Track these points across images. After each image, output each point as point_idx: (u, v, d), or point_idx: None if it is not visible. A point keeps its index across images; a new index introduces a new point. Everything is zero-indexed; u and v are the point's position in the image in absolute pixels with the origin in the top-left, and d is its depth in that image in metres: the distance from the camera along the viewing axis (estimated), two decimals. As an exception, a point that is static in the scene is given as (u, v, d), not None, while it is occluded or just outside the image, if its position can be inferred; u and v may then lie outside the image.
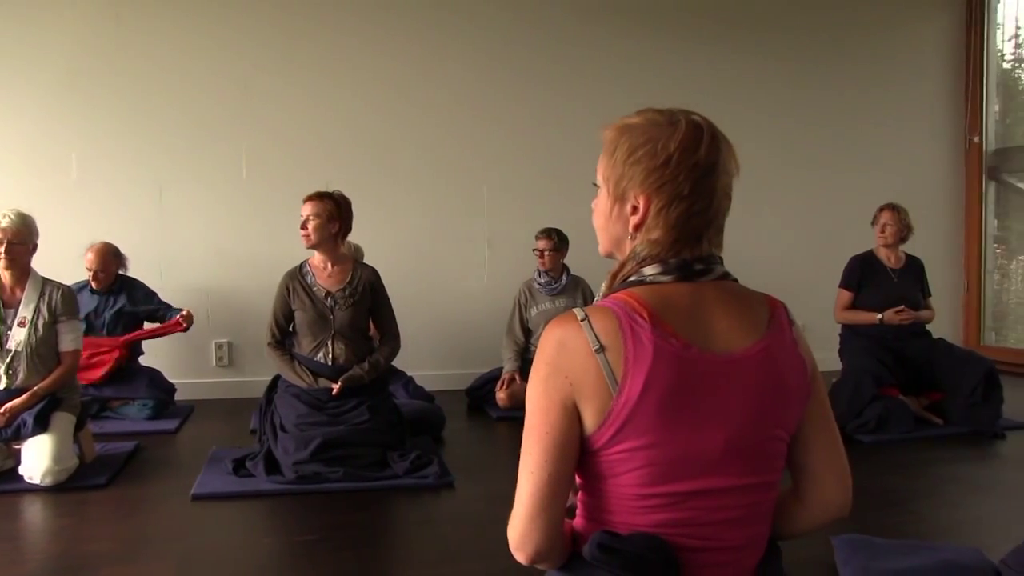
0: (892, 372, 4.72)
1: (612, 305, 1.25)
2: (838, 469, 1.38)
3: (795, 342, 1.34)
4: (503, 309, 5.44)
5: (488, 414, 5.11)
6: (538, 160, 6.04)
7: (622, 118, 1.35)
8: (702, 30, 6.39)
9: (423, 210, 5.89)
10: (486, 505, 3.37)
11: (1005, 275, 7.20)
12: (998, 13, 7.05)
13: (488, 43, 5.99)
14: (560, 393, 1.23)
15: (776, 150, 6.50)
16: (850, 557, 2.62)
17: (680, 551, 1.26)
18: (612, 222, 1.34)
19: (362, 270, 4.01)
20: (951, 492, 3.65)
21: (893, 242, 4.95)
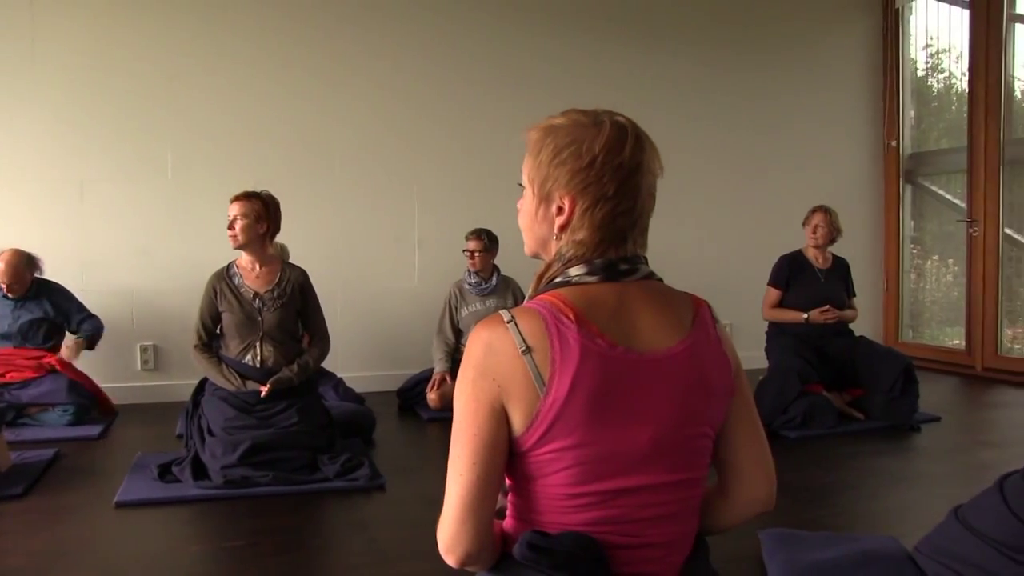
0: (816, 369, 4.83)
1: (538, 306, 1.26)
2: (763, 465, 1.41)
3: (719, 340, 1.36)
4: (433, 309, 5.43)
5: (419, 415, 5.09)
6: (469, 160, 6.04)
7: (547, 119, 1.35)
8: (629, 33, 6.47)
9: (353, 210, 5.84)
10: (418, 507, 3.36)
11: (921, 275, 7.45)
12: (911, 24, 7.30)
13: (418, 42, 5.96)
14: (488, 395, 1.24)
15: (703, 151, 6.62)
16: (776, 550, 2.68)
17: (609, 549, 1.27)
18: (537, 223, 1.35)
19: (291, 271, 3.96)
20: (871, 484, 3.76)
21: (823, 243, 5.07)
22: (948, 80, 7.25)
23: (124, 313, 5.40)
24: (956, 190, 6.90)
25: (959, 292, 6.85)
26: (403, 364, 5.65)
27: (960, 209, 6.77)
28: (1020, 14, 6.33)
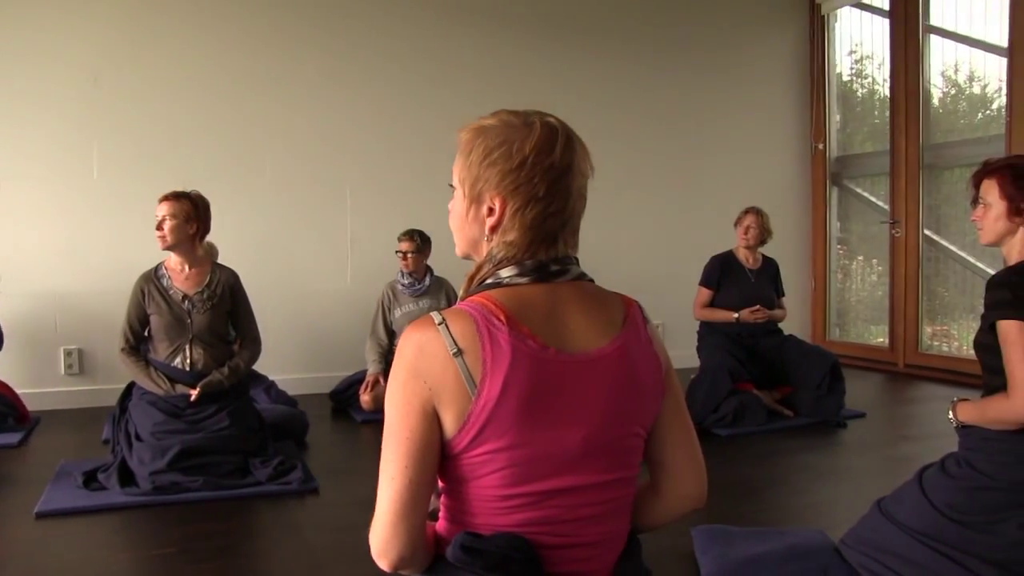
0: (747, 368, 4.93)
1: (469, 308, 1.26)
2: (694, 463, 1.43)
3: (650, 340, 1.37)
4: (366, 311, 5.39)
5: (352, 417, 5.05)
6: (401, 161, 6.01)
7: (477, 120, 1.35)
8: (561, 34, 6.51)
9: (284, 210, 5.76)
10: (351, 510, 3.33)
11: (847, 274, 7.64)
12: (836, 31, 7.49)
13: (348, 44, 5.91)
14: (419, 397, 1.23)
15: (634, 153, 6.69)
16: (708, 546, 2.72)
17: (542, 549, 1.27)
18: (468, 224, 1.35)
19: (221, 272, 3.90)
20: (799, 479, 3.84)
21: (754, 244, 5.17)
22: (871, 86, 7.45)
23: (46, 316, 5.25)
24: (880, 192, 7.09)
25: (883, 291, 7.05)
26: (336, 366, 5.60)
27: (883, 211, 6.96)
28: (934, 25, 6.54)
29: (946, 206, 6.55)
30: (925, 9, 6.54)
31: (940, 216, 6.59)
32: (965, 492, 2.29)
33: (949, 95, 6.74)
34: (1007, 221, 2.35)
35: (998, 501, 2.23)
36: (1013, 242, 2.36)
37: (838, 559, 2.51)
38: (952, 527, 2.27)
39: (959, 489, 2.30)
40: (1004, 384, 2.20)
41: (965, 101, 6.69)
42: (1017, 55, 5.75)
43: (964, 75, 6.64)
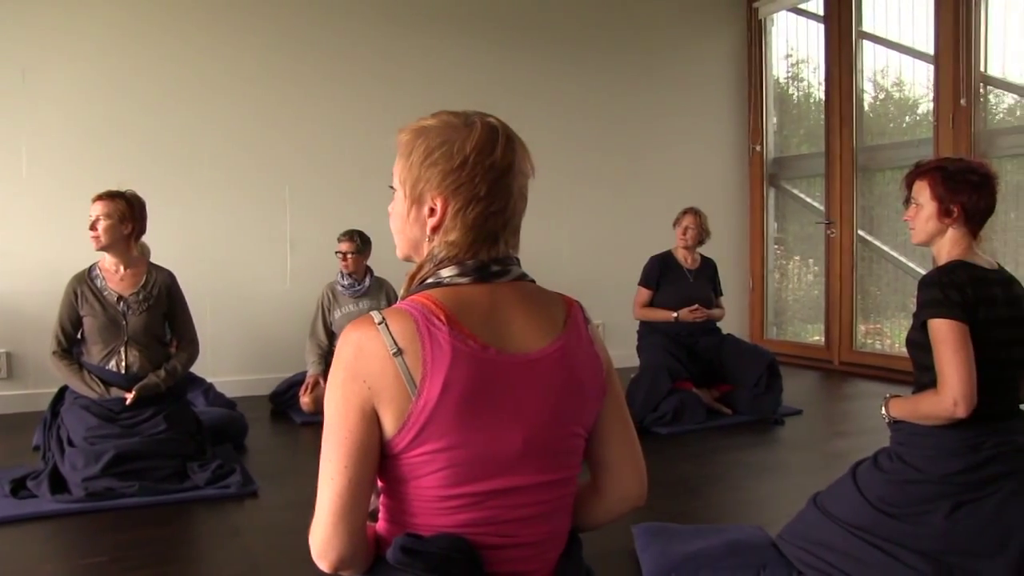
0: (686, 367, 4.98)
1: (409, 308, 1.26)
2: (634, 462, 1.44)
3: (591, 341, 1.38)
4: (306, 312, 5.33)
5: (292, 419, 5.00)
6: (341, 161, 5.96)
7: (418, 120, 1.35)
8: (502, 36, 6.52)
9: (223, 211, 5.67)
10: (292, 512, 3.28)
11: (784, 274, 7.78)
12: (773, 35, 7.63)
13: (289, 41, 5.84)
14: (358, 397, 1.22)
15: (576, 153, 6.73)
16: (649, 544, 2.74)
17: (483, 549, 1.27)
18: (409, 224, 1.35)
19: (157, 273, 3.81)
20: (738, 476, 3.90)
21: (693, 244, 5.23)
22: (807, 89, 7.60)
23: (-26, 319, 5.10)
24: (815, 193, 7.23)
25: (819, 291, 7.19)
26: (275, 367, 5.53)
27: (819, 212, 7.10)
28: (867, 31, 6.70)
29: (879, 207, 6.71)
30: (858, 15, 6.70)
31: (873, 217, 6.75)
32: (896, 485, 2.35)
33: (879, 99, 6.90)
34: (937, 222, 2.41)
35: (927, 493, 2.29)
36: (943, 242, 2.43)
37: (776, 554, 2.56)
38: (884, 519, 2.33)
39: (890, 483, 2.36)
40: (934, 381, 2.27)
41: (894, 105, 6.86)
42: (942, 62, 5.93)
43: (893, 80, 6.81)
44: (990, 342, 2.27)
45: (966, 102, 5.79)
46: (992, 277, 2.35)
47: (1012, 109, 5.96)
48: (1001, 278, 2.38)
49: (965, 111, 5.80)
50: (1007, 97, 5.96)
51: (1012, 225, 5.82)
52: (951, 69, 5.87)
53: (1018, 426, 2.35)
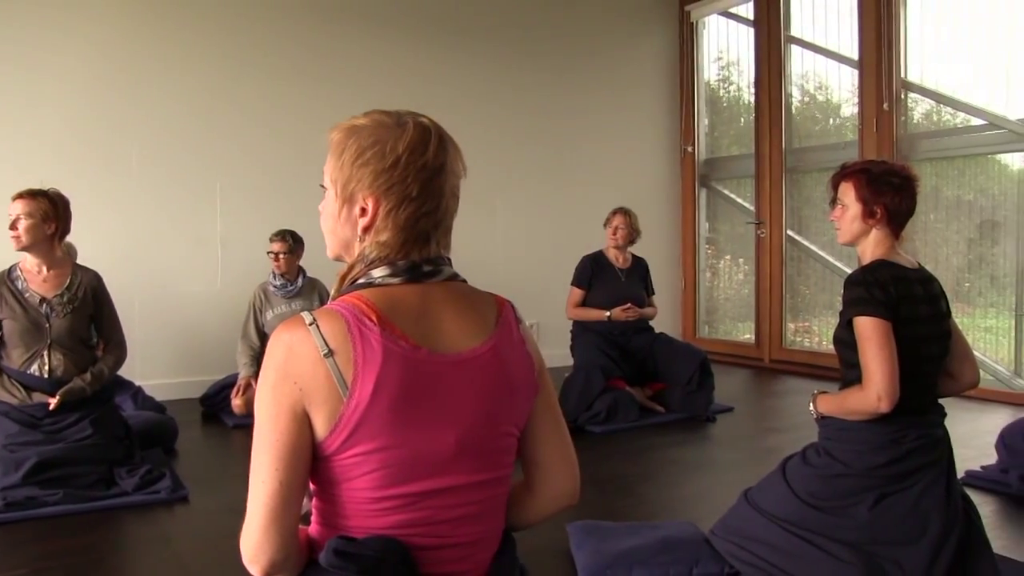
0: (619, 366, 5.03)
1: (340, 308, 1.25)
2: (566, 460, 1.45)
3: (522, 340, 1.38)
4: (237, 313, 5.24)
5: (224, 422, 4.92)
6: (273, 159, 5.87)
7: (349, 119, 1.34)
8: (435, 35, 6.50)
9: (151, 210, 5.53)
10: (223, 517, 3.23)
11: (715, 273, 7.91)
12: (704, 38, 7.75)
13: (221, 37, 5.74)
14: (289, 399, 1.21)
15: (509, 154, 6.75)
16: (583, 542, 2.76)
17: (417, 550, 1.27)
18: (341, 224, 1.34)
19: (82, 274, 3.70)
20: (671, 473, 3.95)
21: (623, 244, 5.28)
22: (737, 92, 7.73)
23: None
24: (745, 194, 7.36)
25: (749, 290, 7.32)
26: (206, 370, 5.43)
27: (749, 212, 7.23)
28: (795, 36, 6.85)
29: (807, 207, 6.86)
30: (786, 20, 6.85)
31: (801, 217, 6.89)
32: (823, 480, 2.41)
33: (806, 102, 7.06)
34: (862, 222, 2.48)
35: (852, 486, 2.36)
36: (867, 242, 2.50)
37: (708, 549, 2.60)
38: (812, 513, 2.39)
39: (818, 477, 2.42)
40: (860, 377, 2.33)
41: (819, 109, 7.02)
42: (866, 67, 6.10)
43: (820, 84, 6.97)
44: (911, 339, 2.34)
45: (888, 106, 5.96)
46: (913, 276, 2.42)
47: (929, 114, 6.15)
48: (921, 277, 2.45)
49: (888, 115, 5.97)
50: (925, 102, 6.15)
51: (931, 226, 6.00)
52: (874, 74, 6.03)
53: (936, 419, 2.44)
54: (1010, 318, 5.61)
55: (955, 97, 5.83)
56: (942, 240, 5.98)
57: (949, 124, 5.98)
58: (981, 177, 5.83)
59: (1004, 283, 5.68)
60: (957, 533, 2.30)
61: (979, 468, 3.66)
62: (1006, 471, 3.52)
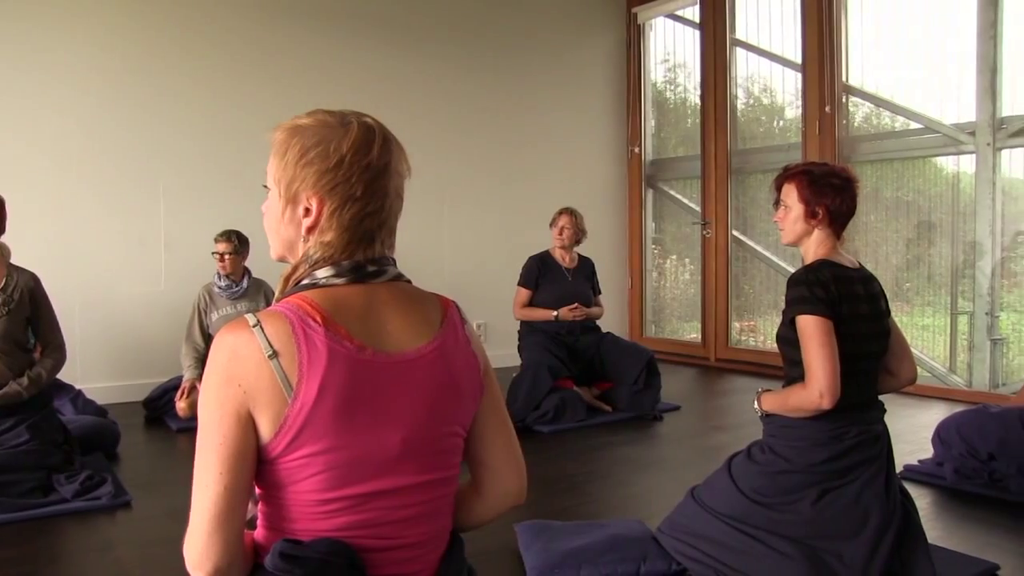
0: (566, 365, 5.05)
1: (284, 309, 1.24)
2: (513, 460, 1.45)
3: (467, 340, 1.39)
4: (182, 314, 5.15)
5: (168, 426, 4.83)
6: (218, 158, 5.78)
7: (292, 119, 1.33)
8: (381, 36, 6.45)
9: (91, 209, 5.41)
10: (166, 522, 3.18)
11: (662, 273, 7.98)
12: (651, 40, 7.83)
13: (162, 37, 5.63)
14: (233, 402, 1.20)
15: (456, 154, 6.74)
16: (531, 542, 2.77)
17: (364, 552, 1.26)
18: (284, 225, 1.33)
19: (19, 275, 3.60)
20: (619, 472, 3.97)
21: (569, 244, 5.30)
22: (683, 93, 7.82)
23: None
24: (691, 195, 7.44)
25: (695, 289, 7.41)
26: (150, 373, 5.34)
27: (695, 212, 7.32)
28: (740, 39, 6.95)
29: (751, 208, 6.96)
30: (732, 23, 6.94)
31: (746, 218, 6.99)
32: (768, 476, 2.45)
33: (751, 104, 7.16)
34: (804, 223, 2.52)
35: (795, 483, 2.41)
36: (810, 242, 2.54)
37: (655, 546, 2.63)
38: (757, 509, 2.43)
39: (763, 474, 2.46)
40: (803, 375, 2.37)
41: (764, 111, 7.13)
42: (809, 70, 6.21)
43: (764, 86, 7.08)
44: (852, 336, 2.39)
45: (830, 109, 6.08)
46: (854, 275, 2.47)
47: (869, 117, 6.29)
48: (862, 276, 2.51)
49: (830, 118, 6.08)
50: (865, 106, 6.28)
51: (872, 226, 6.13)
52: (817, 78, 6.15)
53: (876, 415, 2.49)
54: (945, 316, 5.75)
55: (894, 101, 5.97)
56: (882, 240, 6.11)
57: (889, 127, 6.11)
58: (919, 179, 5.97)
59: (940, 282, 5.82)
60: (895, 525, 2.36)
61: (916, 462, 3.76)
62: (941, 464, 3.62)
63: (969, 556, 2.77)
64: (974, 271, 5.48)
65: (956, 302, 5.67)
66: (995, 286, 5.39)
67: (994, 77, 5.32)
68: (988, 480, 3.44)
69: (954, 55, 5.61)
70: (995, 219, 5.36)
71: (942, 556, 2.62)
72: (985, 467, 3.46)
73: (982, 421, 3.55)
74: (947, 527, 3.14)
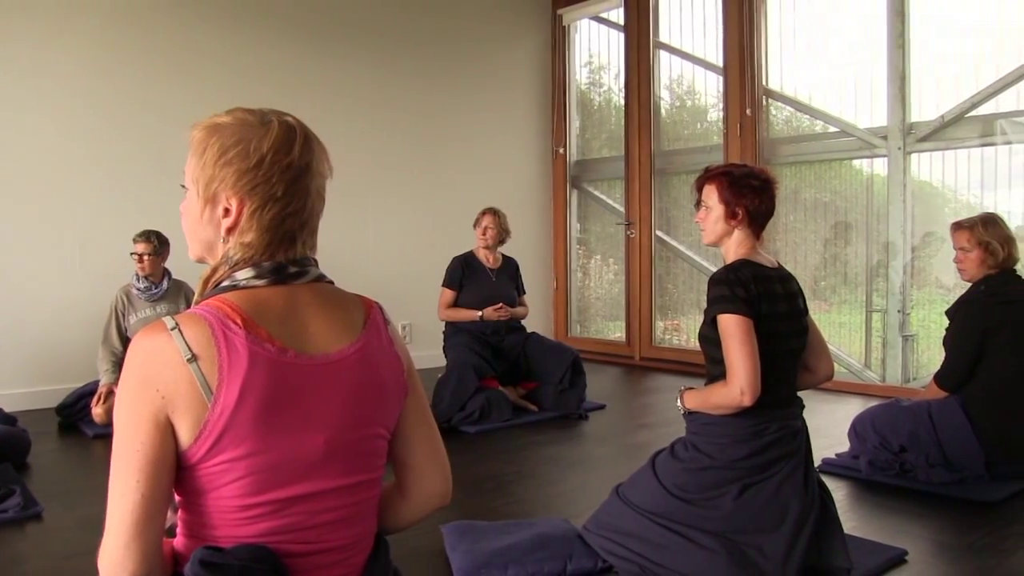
0: (492, 365, 5.06)
1: (204, 312, 1.22)
2: (437, 460, 1.45)
3: (391, 341, 1.38)
4: (98, 317, 5.00)
5: (84, 432, 4.68)
6: (137, 156, 5.62)
7: (211, 117, 1.31)
8: (303, 35, 6.36)
9: (1, 208, 5.22)
10: (81, 534, 3.08)
11: (586, 273, 8.05)
12: (576, 42, 7.89)
13: (75, 32, 5.46)
14: (151, 407, 1.17)
15: (380, 154, 6.69)
16: (458, 542, 2.76)
17: (287, 558, 1.25)
18: (203, 225, 1.31)
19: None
20: (546, 471, 3.99)
21: (493, 244, 5.31)
22: (607, 95, 7.89)
23: None
24: (616, 195, 7.52)
25: (619, 289, 7.49)
26: (64, 378, 5.16)
27: (619, 213, 7.40)
28: (663, 42, 7.05)
29: (675, 209, 7.07)
30: (655, 26, 7.03)
31: (670, 218, 7.09)
32: (690, 473, 2.49)
33: (676, 106, 7.27)
34: (725, 223, 2.58)
35: (717, 479, 2.45)
36: (730, 243, 2.59)
37: (581, 544, 2.65)
38: (680, 505, 2.47)
39: (686, 471, 2.51)
40: (724, 373, 2.42)
41: (688, 113, 7.24)
42: (730, 74, 6.33)
43: (686, 88, 7.20)
44: (772, 335, 2.44)
45: (751, 112, 6.21)
46: (773, 274, 2.53)
47: (789, 120, 6.44)
48: (780, 275, 2.57)
49: (750, 120, 6.22)
50: (785, 109, 6.43)
51: (792, 226, 6.28)
52: (738, 81, 6.27)
53: (795, 411, 2.56)
54: (861, 314, 5.93)
55: (811, 105, 6.13)
56: (801, 240, 6.27)
57: (809, 130, 6.27)
58: (836, 181, 6.14)
59: (856, 281, 6.00)
60: (813, 518, 2.42)
61: (834, 456, 3.86)
62: (856, 457, 3.73)
63: (881, 544, 2.86)
64: (887, 270, 5.65)
65: (871, 300, 5.85)
66: (907, 284, 5.58)
67: (903, 84, 5.51)
68: (900, 471, 3.56)
69: (867, 62, 5.79)
70: (906, 220, 5.55)
71: (856, 545, 2.70)
72: (897, 459, 3.58)
73: (894, 415, 3.67)
74: (861, 517, 3.24)
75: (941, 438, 3.51)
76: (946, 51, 5.47)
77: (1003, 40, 5.22)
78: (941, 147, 5.47)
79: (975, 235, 3.61)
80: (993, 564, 2.75)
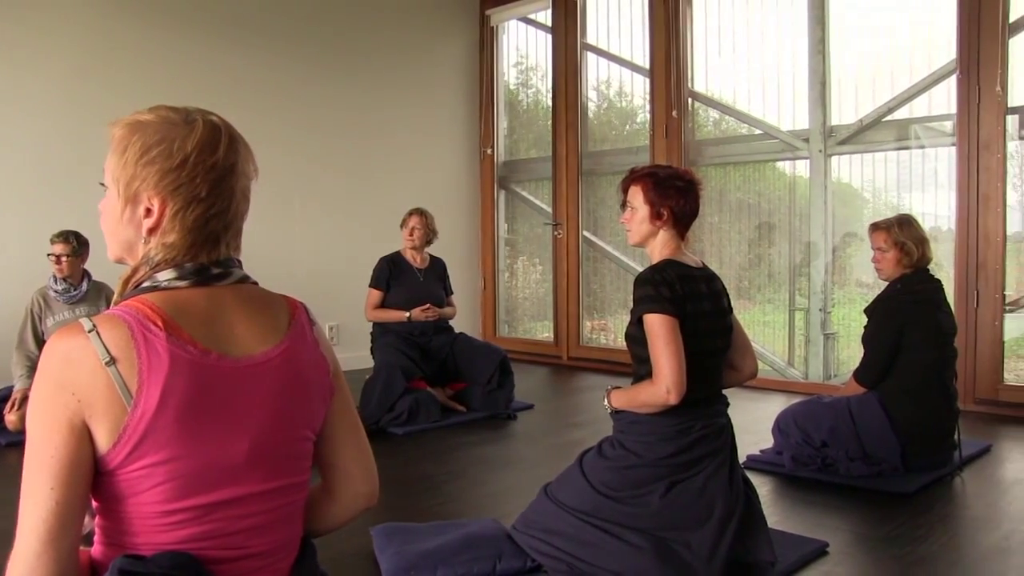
0: (419, 366, 5.04)
1: (123, 313, 1.19)
2: (364, 462, 1.44)
3: (316, 342, 1.37)
4: (13, 319, 4.83)
5: (-4, 440, 4.53)
6: (55, 155, 5.44)
7: (133, 114, 1.28)
8: (230, 33, 6.24)
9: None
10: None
11: (513, 274, 8.07)
12: (504, 42, 7.91)
13: (20, 34, 5.28)
14: (66, 412, 1.13)
15: (307, 154, 6.61)
16: (387, 545, 2.74)
17: (210, 564, 1.22)
18: (123, 225, 1.28)
19: None
20: (475, 472, 3.99)
21: (420, 244, 5.28)
22: (535, 95, 7.93)
23: None
24: (543, 196, 7.56)
25: (547, 289, 7.53)
26: (-25, 383, 4.98)
27: (547, 213, 7.44)
28: (591, 44, 7.11)
29: (602, 209, 7.14)
30: (583, 28, 7.09)
31: (597, 219, 7.16)
32: (617, 471, 2.52)
33: (605, 108, 7.34)
34: (650, 224, 2.61)
35: (643, 476, 2.48)
36: (655, 243, 2.63)
37: (510, 544, 2.65)
38: (607, 503, 2.49)
39: (612, 469, 2.53)
40: (650, 372, 2.45)
41: (617, 114, 7.32)
42: (656, 76, 6.42)
43: (615, 90, 7.28)
44: (697, 333, 2.48)
45: (677, 114, 6.30)
46: (697, 274, 2.57)
47: (717, 123, 6.56)
48: (705, 275, 2.61)
49: (676, 122, 6.31)
50: (711, 112, 6.55)
51: (717, 227, 6.40)
52: (664, 83, 6.36)
53: (720, 409, 2.61)
54: (784, 313, 6.07)
55: (736, 107, 6.25)
56: (726, 240, 6.39)
57: (735, 132, 6.39)
58: (760, 182, 6.28)
59: (779, 280, 6.14)
60: (739, 513, 2.47)
61: (758, 452, 3.95)
62: (780, 453, 3.82)
63: (803, 536, 2.94)
64: (809, 270, 5.80)
65: (794, 299, 5.99)
66: (828, 284, 5.73)
67: (824, 89, 5.66)
68: (821, 465, 3.66)
69: (789, 66, 5.94)
70: (827, 221, 5.70)
71: (780, 538, 2.76)
72: (819, 454, 3.68)
73: (816, 411, 3.77)
74: (785, 511, 3.31)
75: (860, 433, 3.61)
76: (864, 57, 5.65)
77: (916, 49, 5.41)
78: (860, 150, 5.64)
79: (891, 236, 3.73)
80: (908, 552, 2.85)
